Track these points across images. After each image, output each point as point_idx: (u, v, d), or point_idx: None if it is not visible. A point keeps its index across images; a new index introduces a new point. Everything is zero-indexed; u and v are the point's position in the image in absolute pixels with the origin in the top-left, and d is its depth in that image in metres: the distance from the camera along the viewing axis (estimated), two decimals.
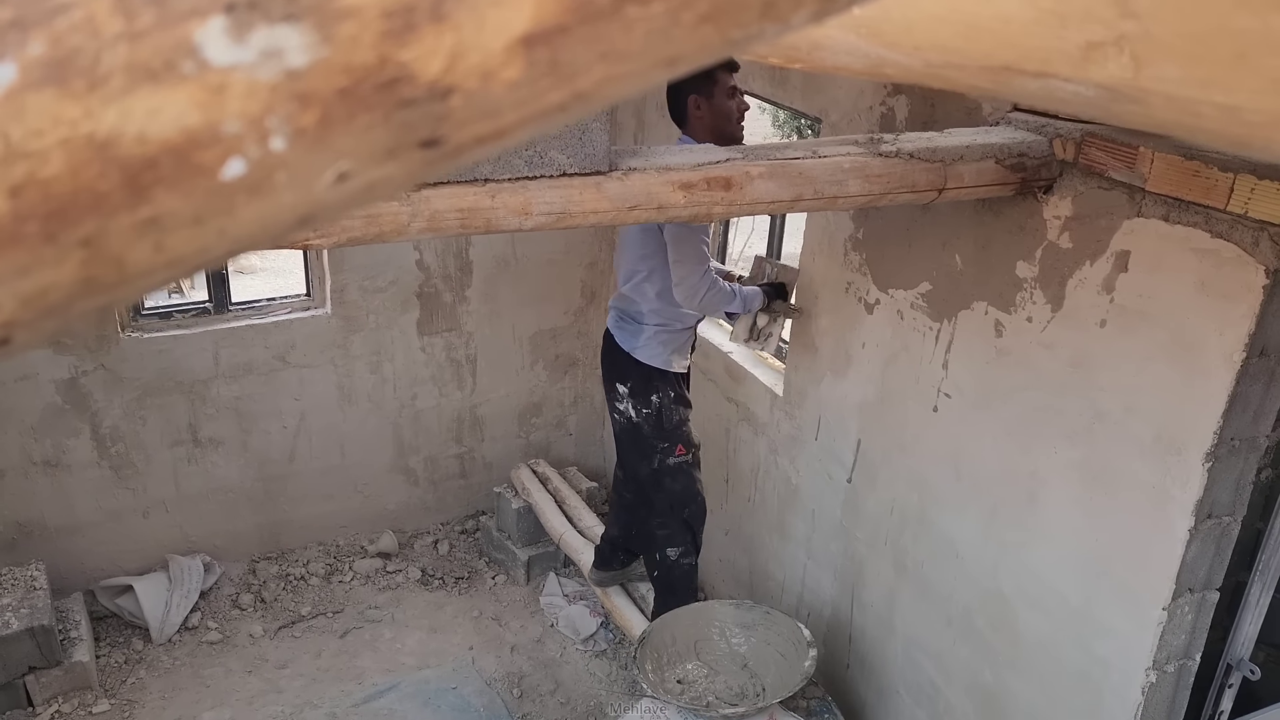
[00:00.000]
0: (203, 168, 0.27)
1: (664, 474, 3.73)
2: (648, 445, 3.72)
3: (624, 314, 3.69)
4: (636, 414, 3.71)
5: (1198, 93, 0.49)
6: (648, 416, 3.68)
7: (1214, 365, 2.41)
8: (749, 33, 0.33)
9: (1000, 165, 2.68)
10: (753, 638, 3.66)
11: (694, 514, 3.83)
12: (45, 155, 0.25)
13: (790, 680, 3.40)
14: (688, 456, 3.74)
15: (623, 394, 3.71)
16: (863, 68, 0.76)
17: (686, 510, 3.80)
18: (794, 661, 3.48)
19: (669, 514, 3.81)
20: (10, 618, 3.92)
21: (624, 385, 3.70)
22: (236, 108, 0.26)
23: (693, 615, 3.70)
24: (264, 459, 4.80)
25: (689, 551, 3.87)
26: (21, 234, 0.25)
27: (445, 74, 0.28)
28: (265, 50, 0.26)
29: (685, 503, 3.79)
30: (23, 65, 0.24)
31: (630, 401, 3.70)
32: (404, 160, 0.29)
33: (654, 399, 3.66)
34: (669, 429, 3.69)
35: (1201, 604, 2.71)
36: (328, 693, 4.24)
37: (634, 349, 3.65)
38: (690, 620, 3.67)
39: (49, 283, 0.26)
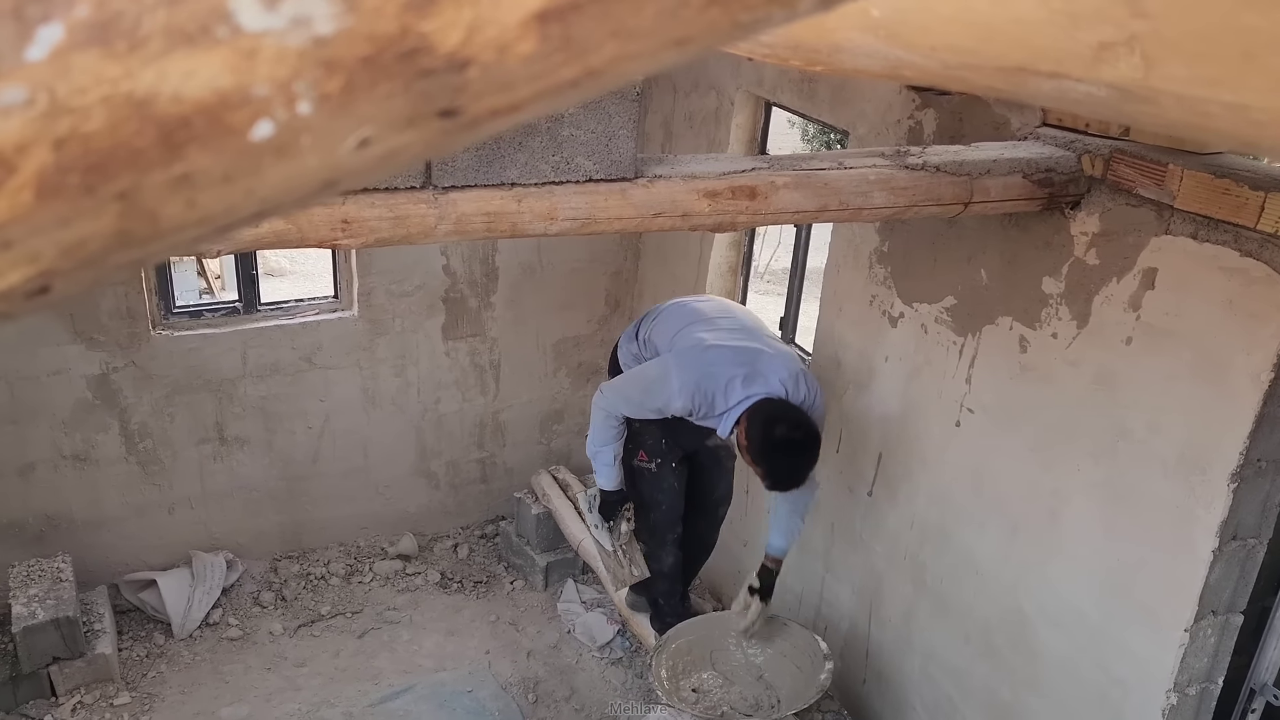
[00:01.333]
0: (233, 128, 0.28)
1: (632, 473, 3.76)
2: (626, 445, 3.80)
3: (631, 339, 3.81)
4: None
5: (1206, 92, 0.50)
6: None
7: (1241, 385, 2.39)
8: (756, 16, 0.34)
9: (1027, 180, 2.68)
10: (768, 649, 3.65)
11: (658, 521, 3.79)
12: (87, 111, 0.27)
13: (806, 693, 3.39)
14: (649, 465, 3.71)
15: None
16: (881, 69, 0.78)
17: (651, 515, 3.80)
18: (810, 674, 3.47)
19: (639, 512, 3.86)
20: (37, 608, 3.98)
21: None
22: (266, 72, 0.28)
23: (709, 625, 3.69)
24: (288, 459, 4.85)
25: (649, 554, 3.86)
26: (63, 185, 0.27)
27: (463, 46, 0.29)
28: (294, 18, 0.27)
29: (649, 508, 3.79)
30: (69, 26, 0.26)
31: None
32: (423, 129, 0.31)
33: None
34: (633, 430, 3.70)
35: (1225, 627, 2.68)
36: (345, 692, 4.26)
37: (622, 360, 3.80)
38: (706, 630, 3.67)
39: (87, 234, 0.28)
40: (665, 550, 3.82)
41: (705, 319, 3.49)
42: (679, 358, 3.36)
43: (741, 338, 3.37)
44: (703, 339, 3.37)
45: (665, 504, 3.74)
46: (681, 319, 3.54)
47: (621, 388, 3.56)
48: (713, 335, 3.38)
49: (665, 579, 3.88)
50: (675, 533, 3.78)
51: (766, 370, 3.23)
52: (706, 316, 3.51)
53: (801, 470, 3.20)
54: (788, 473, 3.21)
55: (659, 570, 3.87)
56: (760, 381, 3.21)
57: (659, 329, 3.60)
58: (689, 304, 3.66)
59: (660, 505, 3.76)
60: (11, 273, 0.28)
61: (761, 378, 3.22)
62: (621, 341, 3.84)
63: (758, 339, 3.39)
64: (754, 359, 3.26)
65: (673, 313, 3.62)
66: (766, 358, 3.28)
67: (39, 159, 0.26)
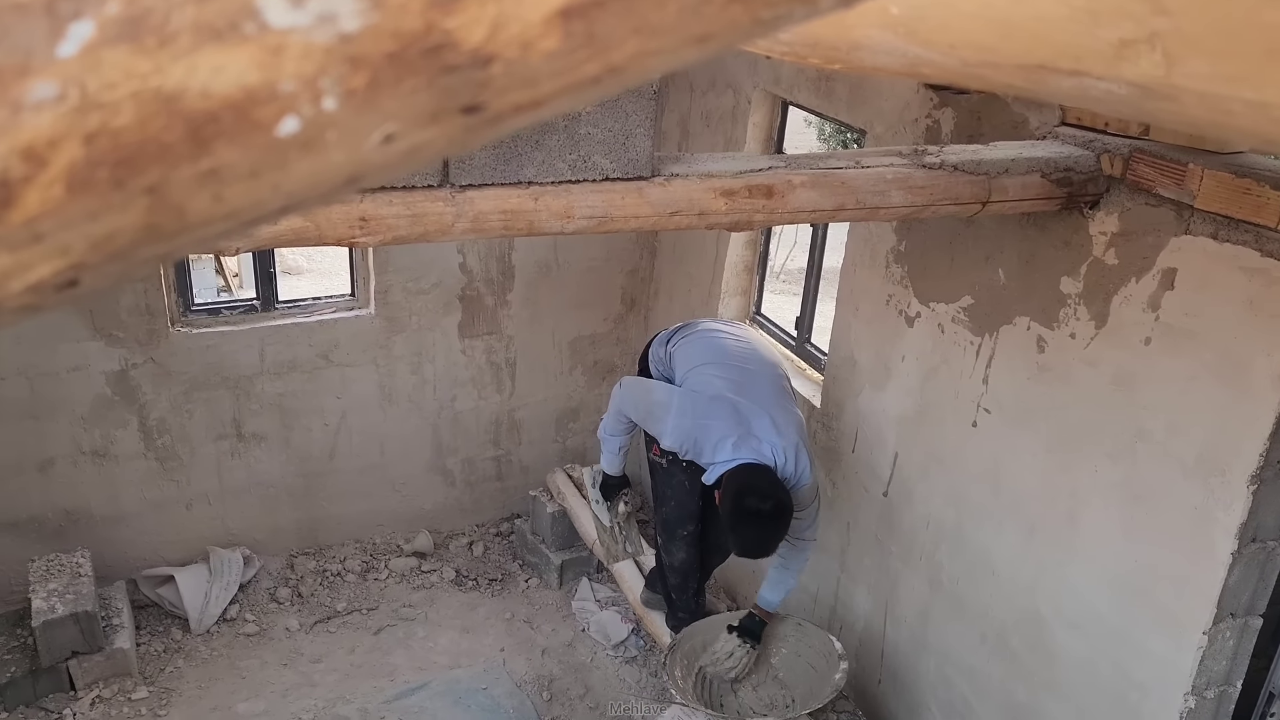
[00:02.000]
0: (260, 123, 0.28)
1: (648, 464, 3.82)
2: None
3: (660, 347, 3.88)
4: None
5: (1228, 89, 0.50)
6: None
7: (1262, 386, 2.37)
8: (778, 13, 0.34)
9: (1046, 180, 2.67)
10: (783, 648, 3.65)
11: (669, 517, 3.82)
12: (117, 106, 0.27)
13: (820, 692, 3.38)
14: (661, 460, 3.74)
15: None
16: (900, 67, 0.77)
17: (662, 510, 3.83)
18: (825, 674, 3.47)
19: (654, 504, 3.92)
20: (56, 603, 4.02)
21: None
22: (292, 68, 0.28)
23: (723, 624, 3.69)
24: (305, 455, 4.88)
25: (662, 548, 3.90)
26: (93, 180, 0.27)
27: (487, 42, 0.30)
28: (321, 14, 0.28)
29: (660, 503, 3.83)
30: (100, 22, 0.26)
31: None
32: (446, 125, 0.31)
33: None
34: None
35: (1244, 630, 2.66)
36: (360, 688, 4.29)
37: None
38: (720, 629, 3.67)
39: (115, 228, 0.29)
40: (676, 545, 3.83)
41: (726, 362, 3.48)
42: (684, 398, 3.40)
43: (752, 393, 3.37)
44: (712, 384, 3.39)
45: (674, 500, 3.75)
46: (705, 353, 3.55)
47: (635, 394, 3.61)
48: (724, 383, 3.39)
49: (676, 573, 3.88)
50: (686, 530, 3.78)
51: (762, 436, 3.26)
52: (728, 359, 3.50)
53: (765, 543, 3.24)
54: (753, 543, 3.25)
55: (669, 564, 3.88)
56: (751, 446, 3.24)
57: (683, 352, 3.62)
58: (719, 338, 3.64)
59: (669, 500, 3.77)
60: (42, 265, 0.29)
61: (754, 441, 3.25)
62: (655, 341, 3.87)
63: (769, 397, 3.40)
64: (753, 421, 3.28)
65: (701, 341, 3.63)
66: (768, 423, 3.29)
67: (70, 153, 0.27)
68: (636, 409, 3.58)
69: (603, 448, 3.84)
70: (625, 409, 3.61)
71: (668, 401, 3.43)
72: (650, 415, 3.50)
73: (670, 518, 3.80)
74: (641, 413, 3.55)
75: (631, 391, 3.63)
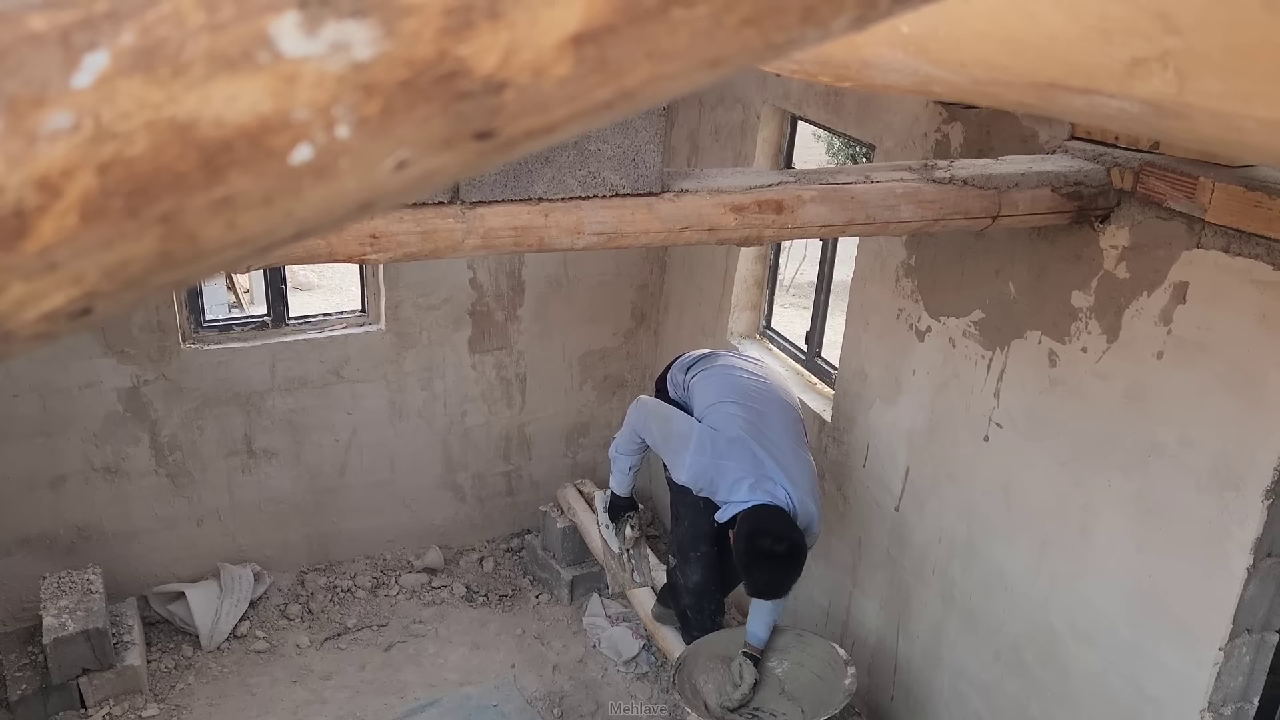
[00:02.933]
0: (274, 151, 0.29)
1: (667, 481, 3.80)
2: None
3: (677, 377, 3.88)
4: None
5: (1241, 107, 0.50)
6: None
7: (1275, 400, 2.36)
8: (790, 37, 0.34)
9: (1056, 193, 2.66)
10: (786, 660, 3.63)
11: (684, 537, 3.81)
12: (131, 136, 0.27)
13: (832, 700, 3.36)
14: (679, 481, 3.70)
15: None
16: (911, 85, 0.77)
17: (680, 528, 3.82)
18: (832, 682, 3.45)
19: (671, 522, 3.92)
20: (67, 620, 4.02)
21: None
22: (306, 96, 0.28)
23: (726, 640, 3.67)
24: (316, 471, 4.88)
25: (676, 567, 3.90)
26: (107, 209, 0.27)
27: (500, 69, 0.30)
28: (334, 43, 0.28)
29: (676, 520, 3.83)
30: (115, 53, 0.26)
31: None
32: (459, 150, 0.31)
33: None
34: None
35: (1260, 645, 2.64)
36: (371, 705, 4.27)
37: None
38: (724, 645, 3.65)
39: (129, 256, 0.29)
40: (690, 566, 3.81)
41: (745, 403, 3.47)
42: (703, 435, 3.39)
43: (769, 437, 3.37)
44: (732, 424, 3.39)
45: (688, 520, 3.74)
46: (725, 390, 3.54)
47: (653, 418, 3.60)
48: (744, 424, 3.38)
49: (690, 594, 3.87)
50: (700, 550, 3.77)
51: (778, 480, 3.27)
52: (748, 399, 3.49)
53: (779, 585, 3.28)
54: (765, 584, 3.29)
55: (685, 585, 3.86)
56: (766, 489, 3.25)
57: (702, 385, 3.62)
58: (739, 376, 3.63)
59: (684, 520, 3.76)
60: (56, 294, 0.29)
61: (770, 484, 3.26)
62: (675, 365, 3.85)
63: (786, 442, 3.40)
64: (770, 466, 3.29)
65: (722, 377, 3.62)
66: (783, 469, 3.30)
67: (84, 183, 0.27)
68: (653, 434, 3.58)
69: (613, 467, 3.84)
70: (641, 430, 3.60)
71: (687, 435, 3.42)
72: (667, 445, 3.50)
73: (685, 538, 3.79)
74: (658, 439, 3.56)
75: (650, 415, 3.62)
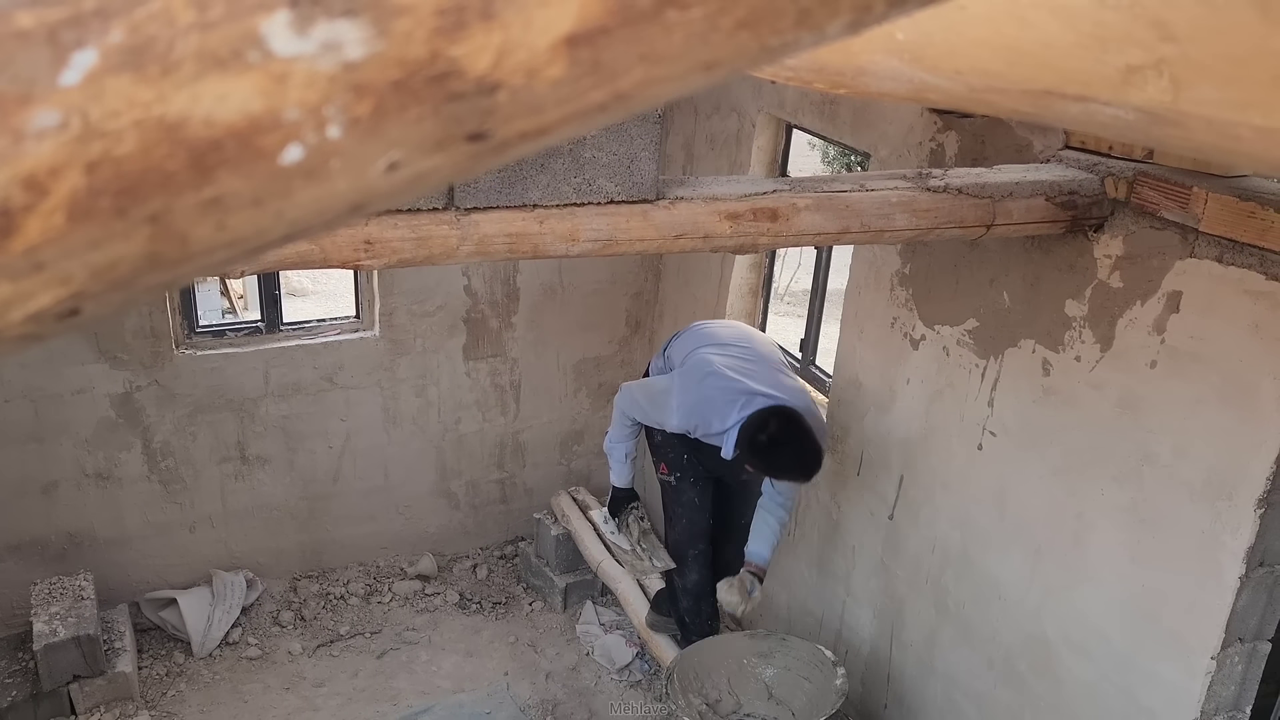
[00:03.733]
0: (264, 152, 0.28)
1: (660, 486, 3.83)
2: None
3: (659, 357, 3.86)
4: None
5: (1236, 115, 0.50)
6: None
7: (1268, 409, 2.36)
8: (784, 40, 0.34)
9: (1050, 203, 2.67)
10: (772, 665, 3.63)
11: (678, 538, 3.82)
12: (120, 135, 0.27)
13: (823, 701, 3.35)
14: (669, 478, 3.75)
15: None
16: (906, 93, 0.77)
17: (673, 531, 3.82)
18: (821, 684, 3.45)
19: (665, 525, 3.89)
20: (58, 626, 4.00)
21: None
22: (297, 96, 0.28)
23: (713, 648, 3.67)
24: (309, 478, 4.87)
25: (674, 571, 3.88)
26: (95, 208, 0.27)
27: (493, 70, 0.30)
28: (325, 43, 0.27)
29: (670, 523, 3.83)
30: (103, 51, 0.26)
31: None
32: (452, 152, 0.31)
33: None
34: (653, 444, 3.77)
35: (1253, 655, 2.64)
36: (363, 713, 4.26)
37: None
38: (711, 653, 3.65)
39: (118, 256, 0.28)
40: (688, 567, 3.82)
41: (719, 343, 3.51)
42: (683, 377, 3.41)
43: (751, 368, 3.37)
44: (710, 361, 3.39)
45: (684, 519, 3.75)
46: (698, 340, 3.58)
47: (635, 391, 3.63)
48: (721, 359, 3.39)
49: (689, 595, 3.87)
50: (697, 549, 3.77)
51: (767, 394, 3.26)
52: (721, 340, 3.53)
53: (807, 460, 3.15)
54: (793, 464, 3.17)
55: (683, 587, 3.87)
56: (759, 405, 3.23)
57: (678, 346, 3.66)
58: (709, 326, 3.70)
59: (680, 520, 3.77)
60: (43, 294, 0.28)
61: (760, 398, 3.24)
62: (652, 362, 3.89)
63: (768, 370, 3.40)
64: (756, 387, 3.27)
65: (692, 334, 3.67)
66: (770, 387, 3.29)
67: (71, 182, 0.27)
68: (638, 406, 3.58)
69: (610, 460, 3.82)
70: (629, 410, 3.62)
71: (668, 385, 3.44)
72: (653, 405, 3.49)
73: (681, 538, 3.79)
74: (644, 406, 3.55)
75: (633, 389, 3.65)
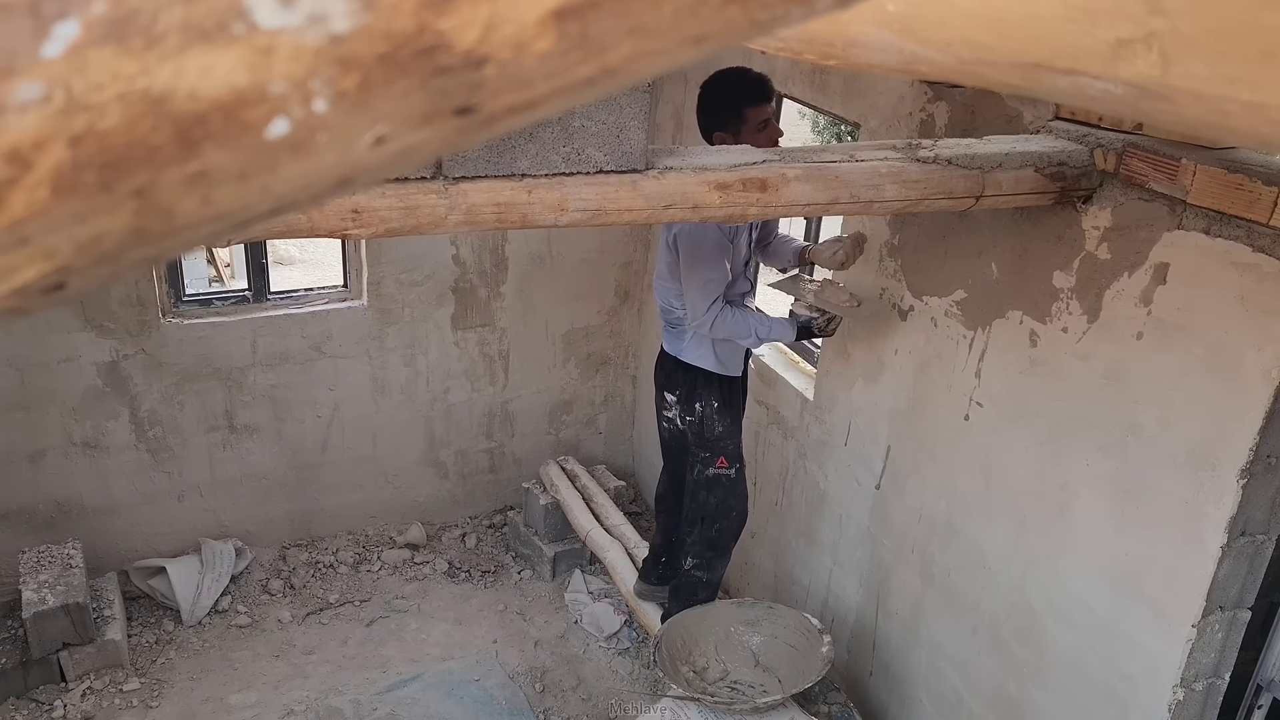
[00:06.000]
0: (249, 125, 0.28)
1: (701, 485, 3.66)
2: (692, 454, 3.66)
3: (666, 320, 3.61)
4: (683, 422, 3.63)
5: (1225, 90, 0.50)
6: (692, 424, 3.61)
7: (1252, 381, 2.38)
8: (774, 15, 0.34)
9: (1039, 174, 2.67)
10: (759, 633, 3.67)
11: (724, 530, 3.73)
12: (104, 108, 0.26)
13: (810, 669, 3.39)
14: (729, 470, 3.63)
15: (671, 401, 3.65)
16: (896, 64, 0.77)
17: (716, 526, 3.71)
18: (807, 652, 3.49)
19: (696, 525, 3.74)
20: (47, 594, 4.01)
21: (673, 393, 3.63)
22: (283, 69, 0.28)
23: (700, 616, 3.70)
24: (297, 447, 4.87)
25: (703, 565, 3.80)
26: (79, 183, 0.27)
27: (480, 44, 0.29)
28: (311, 15, 0.27)
29: (717, 518, 3.70)
30: (86, 22, 0.26)
31: (677, 409, 3.63)
32: (439, 126, 0.31)
33: (697, 406, 3.58)
34: (710, 439, 3.60)
35: (1233, 623, 2.68)
36: (353, 680, 4.29)
37: (679, 352, 3.56)
38: (698, 621, 3.68)
39: (103, 230, 0.28)
40: (723, 560, 3.83)
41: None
42: (687, 238, 3.31)
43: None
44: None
45: (735, 511, 3.71)
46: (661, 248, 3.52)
47: (700, 287, 3.33)
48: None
49: (712, 589, 3.87)
50: (735, 540, 3.79)
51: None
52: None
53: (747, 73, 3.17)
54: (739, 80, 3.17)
55: (713, 580, 3.85)
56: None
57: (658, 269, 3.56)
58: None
59: (732, 512, 3.71)
60: (27, 269, 0.28)
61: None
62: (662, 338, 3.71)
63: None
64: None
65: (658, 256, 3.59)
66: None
67: (55, 156, 0.26)
68: (710, 284, 3.33)
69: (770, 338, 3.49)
70: (714, 296, 3.33)
71: (692, 242, 3.31)
72: (711, 265, 3.32)
73: (726, 531, 3.74)
74: (713, 276, 3.32)
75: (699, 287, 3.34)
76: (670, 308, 3.53)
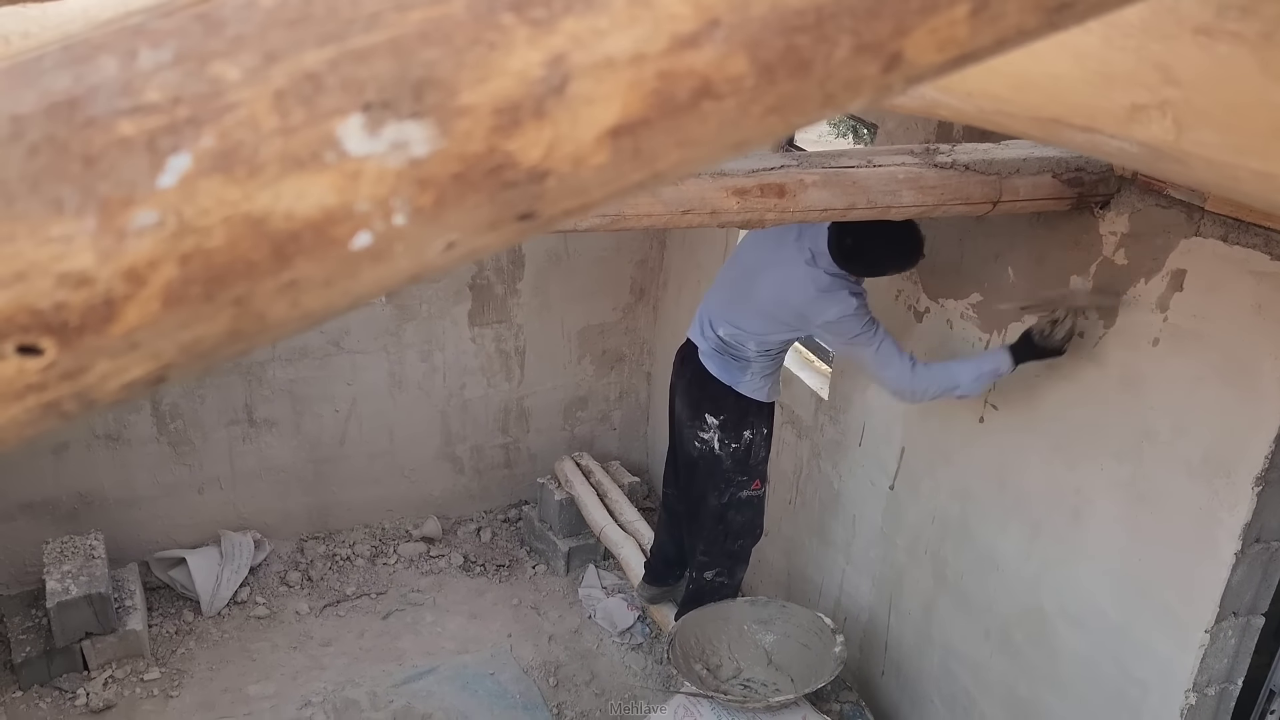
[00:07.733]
0: (336, 240, 0.31)
1: (732, 507, 3.66)
2: (725, 478, 3.60)
3: (725, 353, 3.45)
4: (721, 447, 3.55)
5: (1235, 158, 0.52)
6: (734, 451, 3.55)
7: (1268, 389, 2.39)
8: (810, 119, 0.37)
9: (1057, 180, 2.68)
10: (772, 632, 3.70)
11: (746, 544, 3.79)
12: (210, 230, 0.29)
13: (822, 668, 3.42)
14: (760, 492, 3.67)
15: (711, 425, 3.54)
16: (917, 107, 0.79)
17: (740, 542, 3.75)
18: (820, 651, 3.51)
19: (718, 543, 3.74)
20: (70, 584, 4.07)
21: (715, 417, 3.53)
22: (368, 190, 0.31)
23: (713, 614, 3.73)
24: (315, 441, 4.92)
25: (725, 573, 3.84)
26: (187, 295, 0.30)
27: (543, 160, 0.32)
28: (394, 142, 0.30)
29: (741, 535, 3.74)
30: (197, 155, 0.29)
31: (718, 434, 3.54)
32: (502, 231, 0.34)
33: (746, 434, 3.54)
34: (753, 464, 3.59)
35: (1246, 628, 2.69)
36: (369, 672, 4.34)
37: (737, 384, 3.45)
38: (712, 619, 3.71)
39: (203, 334, 0.31)
40: (743, 566, 3.90)
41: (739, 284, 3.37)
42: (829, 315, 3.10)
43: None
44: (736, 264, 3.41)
45: (759, 525, 3.79)
46: (730, 297, 3.38)
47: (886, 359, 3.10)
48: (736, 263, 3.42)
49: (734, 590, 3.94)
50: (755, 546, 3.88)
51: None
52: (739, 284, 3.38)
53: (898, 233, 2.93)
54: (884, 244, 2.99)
55: (734, 584, 3.91)
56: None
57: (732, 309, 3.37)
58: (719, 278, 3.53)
59: (756, 529, 3.78)
60: (136, 368, 0.31)
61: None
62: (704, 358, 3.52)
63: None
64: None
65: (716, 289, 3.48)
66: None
67: (167, 273, 0.29)
68: (888, 344, 3.10)
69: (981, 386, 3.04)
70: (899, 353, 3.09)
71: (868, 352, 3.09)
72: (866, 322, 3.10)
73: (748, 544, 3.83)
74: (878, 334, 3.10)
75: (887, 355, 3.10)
76: (738, 348, 3.40)
